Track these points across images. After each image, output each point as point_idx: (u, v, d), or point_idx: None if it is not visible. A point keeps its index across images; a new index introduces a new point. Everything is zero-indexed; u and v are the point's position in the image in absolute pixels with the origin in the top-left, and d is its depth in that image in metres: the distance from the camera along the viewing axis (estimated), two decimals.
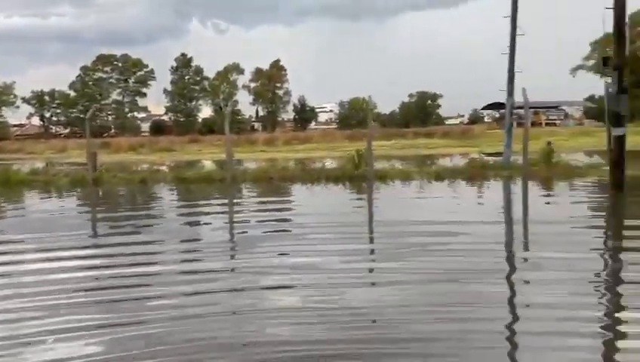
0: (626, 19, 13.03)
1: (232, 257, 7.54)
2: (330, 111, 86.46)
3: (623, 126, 12.71)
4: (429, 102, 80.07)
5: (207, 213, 11.90)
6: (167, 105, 77.07)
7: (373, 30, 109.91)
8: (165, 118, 78.38)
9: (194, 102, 77.40)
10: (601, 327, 4.42)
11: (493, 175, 16.19)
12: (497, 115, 55.00)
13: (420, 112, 77.31)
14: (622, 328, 4.42)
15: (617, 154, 12.68)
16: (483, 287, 5.44)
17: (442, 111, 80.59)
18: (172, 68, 76.02)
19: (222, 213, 12.08)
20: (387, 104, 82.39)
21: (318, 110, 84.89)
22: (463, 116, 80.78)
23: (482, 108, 68.61)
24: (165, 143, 44.65)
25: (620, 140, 12.66)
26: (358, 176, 16.34)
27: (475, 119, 72.48)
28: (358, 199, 13.85)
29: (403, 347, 4.05)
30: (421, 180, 15.98)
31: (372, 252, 7.61)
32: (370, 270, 6.57)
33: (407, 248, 7.25)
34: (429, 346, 4.06)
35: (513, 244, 7.94)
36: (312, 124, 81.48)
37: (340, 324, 4.52)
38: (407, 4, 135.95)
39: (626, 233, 8.45)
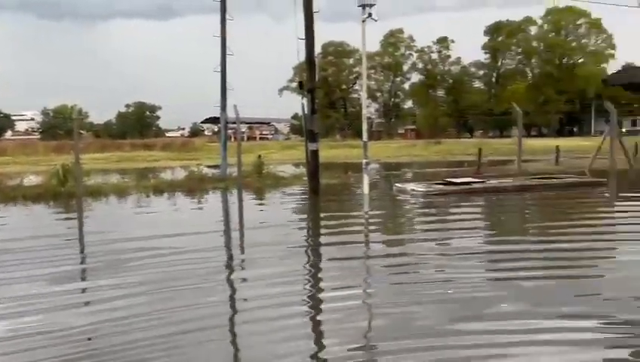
0: (317, 50, 15.47)
1: None
2: (32, 119, 76.04)
3: (316, 142, 15.02)
4: (148, 113, 78.19)
5: None
6: None
7: (80, 33, 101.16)
8: None
9: None
10: (308, 304, 5.32)
11: (211, 187, 16.89)
12: (216, 129, 57.44)
13: (139, 123, 74.77)
14: (324, 304, 5.33)
15: (313, 165, 14.91)
16: (204, 289, 5.74)
17: (162, 123, 79.76)
18: None
19: None
20: (102, 113, 77.15)
21: (14, 118, 73.53)
22: (184, 129, 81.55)
23: (202, 122, 70.77)
24: None
25: (315, 154, 14.94)
26: (65, 194, 14.79)
27: (196, 132, 74.06)
28: (63, 217, 12.49)
29: (122, 357, 3.97)
30: (139, 195, 15.51)
31: (84, 271, 7.10)
32: (83, 290, 6.13)
33: (122, 262, 6.99)
34: (151, 351, 4.06)
35: (231, 247, 8.62)
36: (8, 134, 70.18)
37: (55, 348, 4.15)
38: (118, 11, 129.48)
39: (321, 223, 10.80)
